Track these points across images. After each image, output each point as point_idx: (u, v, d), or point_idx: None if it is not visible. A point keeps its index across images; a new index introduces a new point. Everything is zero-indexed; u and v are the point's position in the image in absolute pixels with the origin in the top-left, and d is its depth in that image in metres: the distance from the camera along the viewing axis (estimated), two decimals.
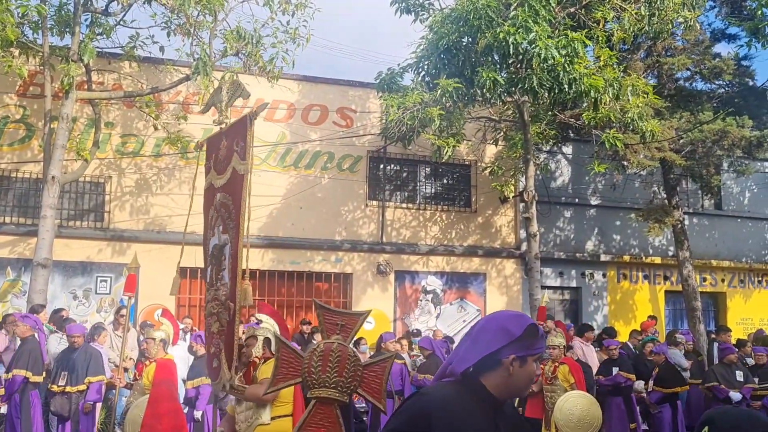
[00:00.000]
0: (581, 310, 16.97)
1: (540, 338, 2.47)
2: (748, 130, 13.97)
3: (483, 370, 2.44)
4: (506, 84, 11.19)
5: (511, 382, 2.44)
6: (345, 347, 3.80)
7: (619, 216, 17.37)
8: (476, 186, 16.20)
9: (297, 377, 3.94)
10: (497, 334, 2.43)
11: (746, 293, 18.51)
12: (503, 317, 2.52)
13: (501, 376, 2.43)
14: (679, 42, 14.94)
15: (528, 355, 2.44)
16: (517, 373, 2.43)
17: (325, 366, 3.75)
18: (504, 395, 2.47)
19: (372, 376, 3.84)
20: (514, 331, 2.42)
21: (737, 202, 18.91)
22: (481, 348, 2.43)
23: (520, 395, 2.56)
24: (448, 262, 15.81)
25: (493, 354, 2.41)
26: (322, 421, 3.79)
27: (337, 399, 3.81)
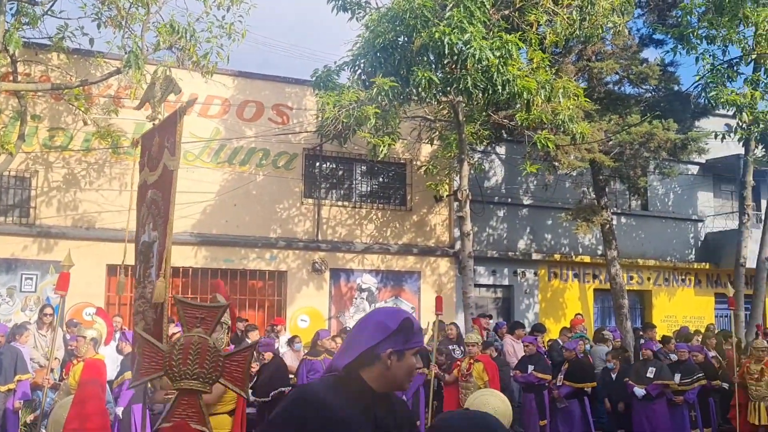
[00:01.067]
0: (513, 307, 17.28)
1: (416, 332, 2.55)
2: (673, 133, 14.45)
3: (363, 365, 2.51)
4: (441, 84, 11.30)
5: (389, 376, 2.52)
6: (205, 339, 3.87)
7: (551, 215, 17.76)
8: (411, 185, 16.31)
9: (159, 370, 3.97)
10: (375, 329, 2.52)
11: (670, 291, 19.17)
12: (380, 313, 2.63)
13: (379, 370, 2.51)
14: (608, 47, 15.34)
15: (405, 349, 2.52)
16: (394, 367, 2.51)
17: (185, 358, 3.82)
18: (384, 388, 2.54)
19: (234, 366, 3.93)
20: (390, 325, 2.51)
21: (662, 203, 19.56)
22: (361, 343, 2.52)
23: (400, 388, 2.61)
24: (383, 261, 15.87)
25: (371, 349, 2.50)
26: (186, 412, 3.86)
27: (200, 390, 3.89)
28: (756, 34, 14.33)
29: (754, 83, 15.14)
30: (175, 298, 4.26)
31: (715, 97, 14.31)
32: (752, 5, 14.32)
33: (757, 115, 14.64)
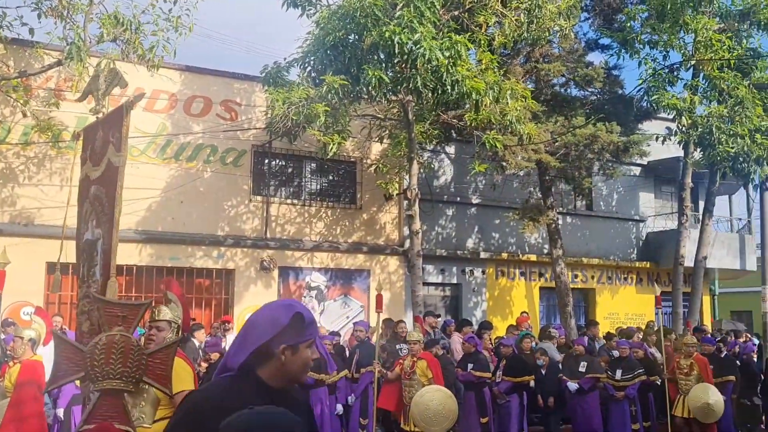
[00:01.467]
0: (461, 305, 17.44)
1: (309, 325, 2.53)
2: (616, 136, 14.76)
3: (258, 362, 2.49)
4: (391, 83, 11.32)
5: (285, 371, 2.50)
6: (128, 338, 3.84)
7: (498, 215, 17.97)
8: (361, 183, 16.31)
9: (80, 372, 3.92)
10: (266, 325, 2.50)
11: (613, 289, 19.61)
12: (271, 308, 2.59)
13: (275, 366, 2.49)
14: (555, 49, 15.60)
15: (299, 343, 2.51)
16: (289, 361, 2.49)
17: (108, 358, 3.77)
18: (280, 384, 2.52)
19: (157, 364, 3.93)
20: (282, 320, 2.48)
21: (606, 203, 19.99)
22: (253, 340, 2.49)
23: (297, 382, 2.60)
24: (333, 259, 15.83)
25: (264, 345, 2.47)
26: (109, 412, 3.81)
27: (123, 389, 3.85)
28: (695, 41, 14.80)
29: (694, 88, 15.62)
30: (93, 296, 4.17)
31: (657, 100, 14.73)
32: (692, 13, 14.78)
33: (695, 119, 15.11)
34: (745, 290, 26.55)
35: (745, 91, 14.93)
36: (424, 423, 9.08)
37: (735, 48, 15.08)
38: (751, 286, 23.84)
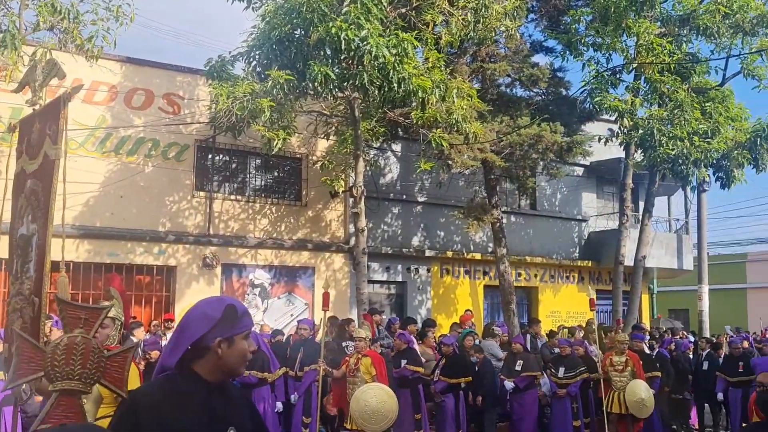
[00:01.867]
0: (406, 303, 17.47)
1: (242, 317, 2.58)
2: (560, 136, 14.97)
3: (194, 358, 2.53)
4: (338, 79, 11.23)
5: (222, 364, 2.54)
6: (89, 340, 3.86)
7: (444, 213, 18.05)
8: (307, 180, 16.17)
9: (39, 371, 3.91)
10: (199, 321, 2.54)
11: (555, 288, 19.92)
12: (202, 304, 2.63)
13: (211, 361, 2.53)
14: (501, 50, 15.73)
15: (234, 335, 2.55)
16: (226, 354, 2.53)
17: (69, 359, 3.79)
18: (218, 378, 2.56)
19: (115, 367, 3.95)
20: (214, 315, 2.53)
21: (550, 203, 20.29)
22: (188, 338, 2.53)
23: (236, 374, 2.66)
24: (277, 256, 15.66)
25: (199, 341, 2.51)
26: (65, 413, 3.81)
27: (81, 390, 3.88)
28: (637, 44, 15.11)
29: (635, 91, 15.96)
30: (58, 298, 4.10)
31: (599, 102, 14.99)
32: (635, 17, 15.08)
33: (637, 121, 15.44)
34: (682, 289, 27.38)
35: (685, 94, 15.32)
36: (363, 420, 9.02)
37: (675, 52, 15.45)
38: (687, 285, 24.59)
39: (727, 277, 30.07)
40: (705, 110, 15.98)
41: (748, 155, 16.94)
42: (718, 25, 15.28)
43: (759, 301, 28.37)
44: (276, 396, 10.48)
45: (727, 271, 30.29)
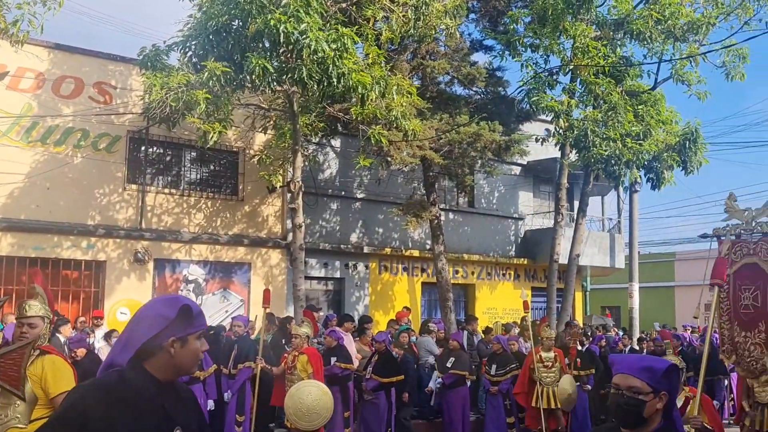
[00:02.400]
0: (344, 300, 17.38)
1: (197, 316, 2.58)
2: (498, 135, 15.09)
3: (146, 356, 2.50)
4: (276, 72, 11.04)
5: (174, 363, 2.53)
6: None
7: (382, 210, 18.03)
8: (244, 174, 15.91)
9: None
10: (153, 320, 2.52)
11: (492, 285, 20.13)
12: (157, 303, 2.63)
13: (164, 359, 2.51)
14: (441, 48, 15.76)
15: (188, 334, 2.55)
16: (179, 354, 2.52)
17: None
18: (170, 376, 2.55)
19: (9, 365, 3.88)
20: (169, 314, 2.51)
21: (487, 200, 20.48)
22: (140, 336, 2.49)
23: (187, 373, 2.65)
24: (212, 251, 15.37)
25: (152, 339, 2.49)
26: None
27: None
28: (574, 47, 15.33)
29: (571, 92, 16.21)
30: None
31: (536, 102, 15.17)
32: (572, 19, 15.30)
33: (572, 122, 15.67)
34: (615, 287, 28.01)
35: (618, 97, 15.63)
36: (297, 418, 8.91)
37: (610, 55, 15.74)
38: (619, 283, 25.16)
39: (657, 276, 30.94)
40: (637, 113, 16.33)
41: (677, 158, 17.41)
42: (650, 31, 15.62)
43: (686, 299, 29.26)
44: (207, 394, 10.28)
45: (656, 270, 31.16)
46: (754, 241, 8.05)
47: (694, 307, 10.78)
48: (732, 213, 8.39)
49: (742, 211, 8.30)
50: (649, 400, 2.82)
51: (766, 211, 8.12)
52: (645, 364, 2.91)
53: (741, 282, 8.09)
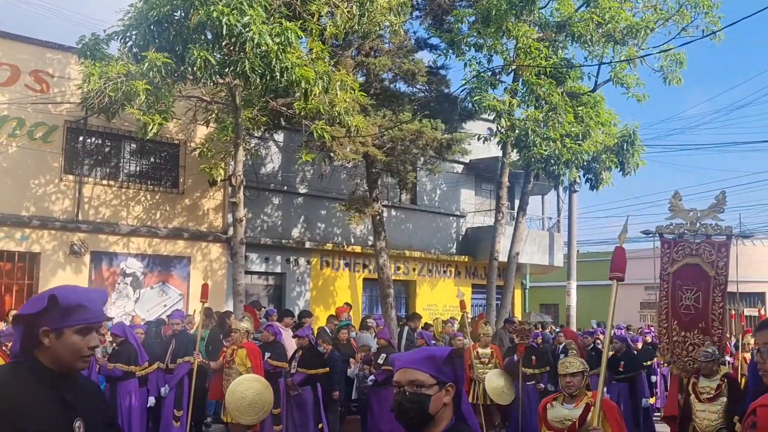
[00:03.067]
0: (285, 295, 17.33)
1: (72, 309, 2.45)
2: (440, 133, 15.25)
3: (34, 346, 2.44)
4: (218, 65, 10.95)
5: (54, 355, 2.44)
6: None
7: (325, 205, 18.03)
8: (185, 167, 15.72)
9: None
10: (28, 308, 2.48)
11: (433, 282, 20.33)
12: (43, 293, 2.53)
13: (46, 350, 2.44)
14: (386, 45, 15.84)
15: (64, 328, 2.44)
16: (54, 346, 2.43)
17: None
18: (60, 368, 2.46)
19: None
20: (39, 304, 2.43)
21: (430, 198, 20.66)
22: (19, 324, 2.45)
23: (71, 369, 2.51)
24: (151, 244, 15.14)
25: (29, 328, 2.43)
26: None
27: None
28: (516, 47, 15.60)
29: (513, 92, 16.48)
30: None
31: (479, 101, 15.38)
32: (515, 20, 15.56)
33: (514, 122, 15.94)
34: (553, 285, 28.56)
35: (559, 98, 15.95)
36: (238, 413, 8.92)
37: (551, 57, 16.06)
38: (558, 281, 25.68)
39: (595, 274, 31.64)
40: (577, 114, 16.68)
41: (615, 159, 17.86)
42: (591, 33, 16.01)
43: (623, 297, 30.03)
44: (149, 390, 10.15)
45: (594, 268, 31.88)
46: (697, 242, 8.22)
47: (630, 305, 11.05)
48: (676, 212, 8.51)
49: (686, 211, 8.40)
50: (433, 393, 2.47)
51: (711, 213, 8.30)
52: (425, 354, 2.58)
53: (681, 282, 8.22)
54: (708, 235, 8.15)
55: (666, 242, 8.42)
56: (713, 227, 8.18)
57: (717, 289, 7.97)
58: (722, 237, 8.15)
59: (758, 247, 29.67)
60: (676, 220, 8.44)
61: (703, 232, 8.18)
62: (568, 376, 5.42)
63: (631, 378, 11.26)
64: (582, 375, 5.48)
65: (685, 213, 8.37)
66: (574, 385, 5.41)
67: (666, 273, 8.34)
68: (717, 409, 7.05)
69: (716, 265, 8.01)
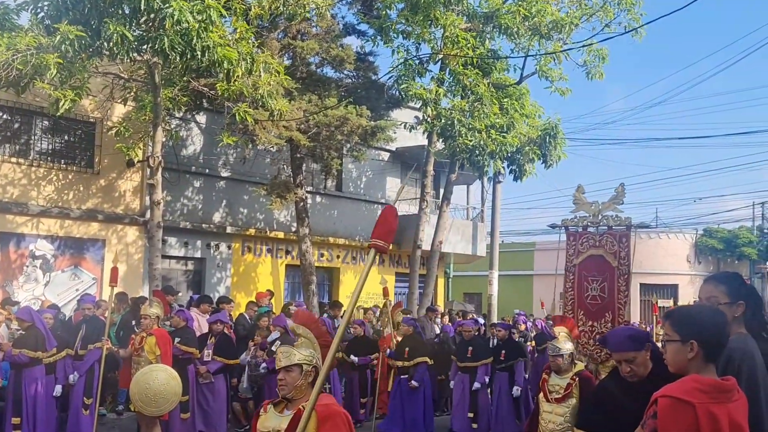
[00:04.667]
0: (205, 281, 16.95)
1: None
2: (365, 120, 15.14)
3: None
4: (136, 41, 10.51)
5: None
6: None
7: (248, 190, 17.69)
8: (101, 146, 15.12)
9: None
10: None
11: (357, 269, 20.26)
12: None
13: None
14: (313, 28, 15.60)
15: None
16: None
17: None
18: None
19: None
20: None
21: (355, 185, 20.55)
22: None
23: None
24: (63, 226, 14.53)
25: None
26: None
27: None
28: (444, 36, 15.60)
29: (440, 81, 16.51)
30: None
31: (405, 89, 15.33)
32: (443, 9, 15.55)
33: (440, 111, 15.97)
34: (476, 274, 28.95)
35: (485, 89, 16.06)
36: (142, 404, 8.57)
37: (478, 47, 16.14)
38: (480, 270, 26.03)
39: (517, 264, 32.27)
40: (502, 105, 16.85)
41: (538, 151, 18.16)
42: (518, 26, 16.16)
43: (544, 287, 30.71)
44: (57, 378, 9.73)
45: (516, 259, 32.50)
46: (600, 234, 8.48)
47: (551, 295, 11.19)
48: (580, 205, 8.79)
49: (589, 204, 8.70)
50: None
51: (611, 205, 8.56)
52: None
53: (587, 273, 8.47)
54: (609, 226, 8.37)
55: (571, 234, 8.66)
56: (614, 219, 8.40)
57: (621, 279, 8.19)
58: (623, 228, 8.36)
59: (673, 241, 30.83)
60: (580, 212, 8.67)
61: (605, 224, 8.40)
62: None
63: (511, 367, 10.97)
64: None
65: (588, 206, 8.62)
66: None
67: (572, 265, 8.57)
68: (564, 411, 6.16)
69: (618, 256, 8.23)
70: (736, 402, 2.86)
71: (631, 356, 4.10)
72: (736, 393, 2.89)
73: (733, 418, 2.79)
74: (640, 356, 4.10)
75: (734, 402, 2.85)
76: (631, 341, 4.10)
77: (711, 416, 2.74)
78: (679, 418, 2.76)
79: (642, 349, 4.10)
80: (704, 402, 2.76)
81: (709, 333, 2.92)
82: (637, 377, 4.12)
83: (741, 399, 2.91)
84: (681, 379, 2.92)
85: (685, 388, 2.84)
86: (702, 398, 2.77)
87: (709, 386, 2.83)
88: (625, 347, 4.11)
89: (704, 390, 2.81)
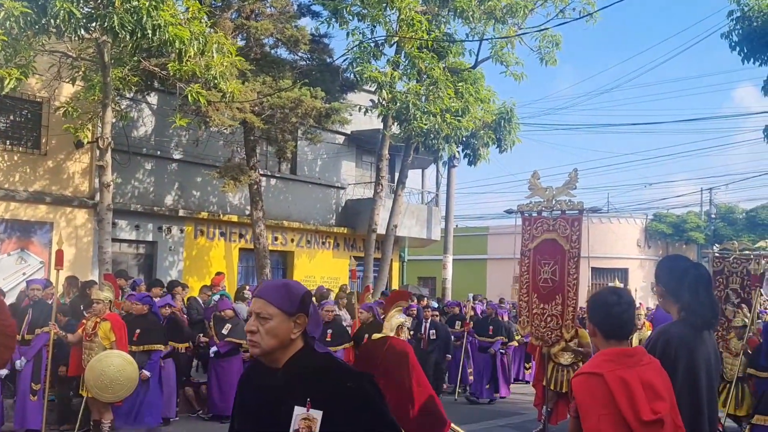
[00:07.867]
0: (156, 264, 16.71)
1: None
2: (320, 102, 15.02)
3: None
4: (84, 18, 10.24)
5: None
6: None
7: (201, 173, 17.46)
8: (48, 127, 14.72)
9: None
10: None
11: (311, 253, 20.19)
12: None
13: None
14: (268, 9, 15.40)
15: None
16: None
17: None
18: None
19: None
20: None
21: (310, 168, 20.43)
22: None
23: None
24: (8, 209, 14.14)
25: None
26: None
27: None
28: (399, 19, 15.56)
29: (395, 64, 16.49)
30: None
31: (360, 72, 15.28)
32: None
33: (395, 94, 15.98)
34: (431, 258, 29.16)
35: (440, 72, 16.11)
36: (98, 390, 8.47)
37: (434, 31, 16.16)
38: (435, 255, 26.22)
39: (471, 248, 32.58)
40: (458, 90, 16.94)
41: (492, 135, 18.35)
42: (473, 10, 16.23)
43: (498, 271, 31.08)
44: None
45: (470, 243, 32.80)
46: (554, 219, 8.60)
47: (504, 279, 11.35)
48: (534, 191, 8.91)
49: (543, 189, 8.83)
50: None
51: (565, 190, 8.69)
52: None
53: (541, 257, 8.61)
54: (563, 210, 8.51)
55: (527, 219, 8.79)
56: (567, 203, 8.54)
57: (571, 261, 8.33)
58: (575, 212, 8.50)
59: (623, 225, 31.48)
60: (535, 198, 8.81)
61: (559, 209, 8.53)
62: None
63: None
64: None
65: (542, 191, 8.76)
66: None
67: (527, 249, 8.71)
68: None
69: (570, 239, 8.38)
70: (647, 365, 3.05)
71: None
72: (645, 357, 3.10)
73: (644, 379, 2.97)
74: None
75: (644, 365, 3.04)
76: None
77: (621, 381, 2.93)
78: (593, 390, 2.96)
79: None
80: (612, 369, 2.96)
81: (598, 316, 3.16)
82: None
83: (653, 362, 3.10)
84: (591, 357, 3.19)
85: (594, 362, 3.09)
86: (610, 367, 2.97)
87: (615, 354, 3.04)
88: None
89: (611, 359, 3.02)
